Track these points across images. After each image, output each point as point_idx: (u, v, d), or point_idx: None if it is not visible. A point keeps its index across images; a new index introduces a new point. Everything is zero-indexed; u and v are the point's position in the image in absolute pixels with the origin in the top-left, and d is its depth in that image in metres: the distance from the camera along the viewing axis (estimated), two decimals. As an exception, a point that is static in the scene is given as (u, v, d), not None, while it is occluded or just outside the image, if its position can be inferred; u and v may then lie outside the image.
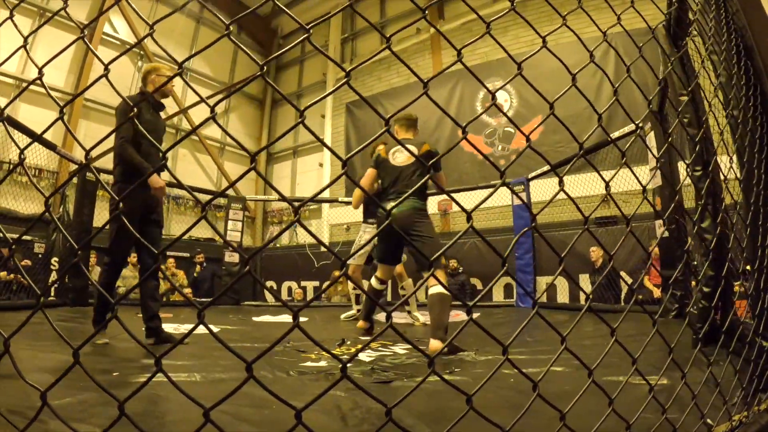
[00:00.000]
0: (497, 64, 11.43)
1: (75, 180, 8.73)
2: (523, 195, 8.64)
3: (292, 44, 1.13)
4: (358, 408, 1.99)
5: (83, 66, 12.41)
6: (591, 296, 8.06)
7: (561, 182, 1.24)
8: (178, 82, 14.50)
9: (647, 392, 1.40)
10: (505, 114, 1.41)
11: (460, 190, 10.21)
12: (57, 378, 0.94)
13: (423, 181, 3.41)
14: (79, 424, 1.59)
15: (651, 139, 5.51)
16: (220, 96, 15.55)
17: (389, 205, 3.94)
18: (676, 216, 4.78)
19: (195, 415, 0.88)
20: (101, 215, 11.44)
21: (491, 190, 1.13)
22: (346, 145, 14.23)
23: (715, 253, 2.62)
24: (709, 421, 1.45)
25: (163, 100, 4.24)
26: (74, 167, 9.36)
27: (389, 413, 0.91)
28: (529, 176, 8.64)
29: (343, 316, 6.63)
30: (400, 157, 4.23)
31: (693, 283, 5.05)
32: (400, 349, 3.70)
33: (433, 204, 11.43)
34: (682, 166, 5.03)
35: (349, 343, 4.09)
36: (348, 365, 2.68)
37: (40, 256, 8.08)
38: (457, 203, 1.10)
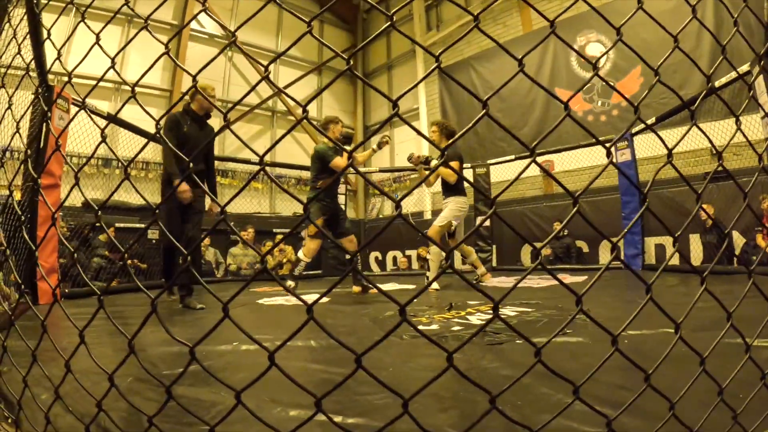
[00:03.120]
0: (589, 15, 10.87)
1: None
2: (628, 151, 8.28)
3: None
4: (473, 368, 1.99)
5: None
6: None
7: (693, 116, 1.16)
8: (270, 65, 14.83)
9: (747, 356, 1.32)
10: (628, 45, 1.33)
11: (561, 150, 9.97)
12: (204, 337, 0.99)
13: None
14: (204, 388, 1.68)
15: (760, 84, 5.08)
16: (312, 76, 15.80)
17: None
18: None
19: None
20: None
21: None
22: (442, 112, 14.07)
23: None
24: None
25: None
26: None
27: (538, 353, 0.91)
28: (633, 131, 8.27)
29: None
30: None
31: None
32: (510, 311, 3.67)
33: (534, 165, 11.19)
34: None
35: (456, 306, 4.08)
36: (459, 329, 2.67)
37: (153, 242, 8.57)
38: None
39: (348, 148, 5.57)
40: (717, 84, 6.16)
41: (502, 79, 12.20)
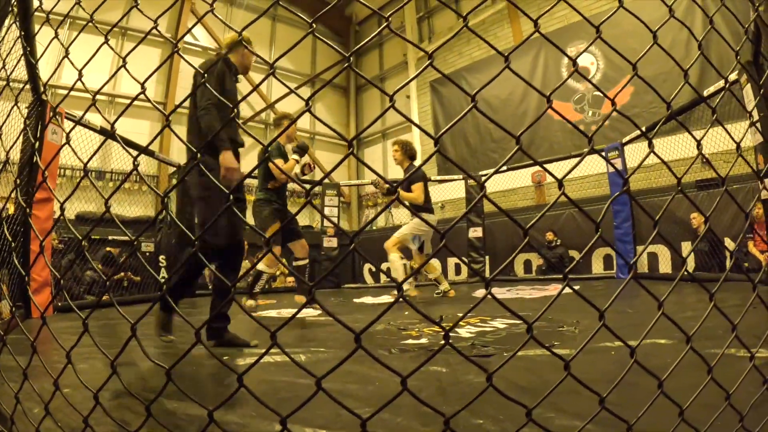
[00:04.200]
0: (579, 26, 10.99)
1: (174, 182, 9.35)
2: (618, 161, 8.33)
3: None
4: (459, 383, 2.00)
5: (170, 75, 12.97)
6: (687, 262, 7.64)
7: (651, 144, 1.18)
8: (258, 77, 14.89)
9: (750, 365, 1.33)
10: (588, 80, 1.36)
11: (552, 161, 10.00)
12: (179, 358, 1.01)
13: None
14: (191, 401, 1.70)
15: (748, 93, 5.14)
16: (305, 89, 15.84)
17: None
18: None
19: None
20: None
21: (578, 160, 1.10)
22: (434, 124, 14.14)
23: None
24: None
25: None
26: (172, 170, 9.95)
27: (490, 378, 0.93)
28: (624, 141, 8.32)
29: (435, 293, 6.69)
30: None
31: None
32: (500, 323, 3.68)
33: (527, 176, 11.28)
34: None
35: (447, 318, 4.10)
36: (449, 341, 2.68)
37: (147, 254, 8.56)
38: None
39: (296, 157, 5.51)
40: (708, 92, 6.22)
41: (494, 90, 12.30)
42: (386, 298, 6.92)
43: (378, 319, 0.95)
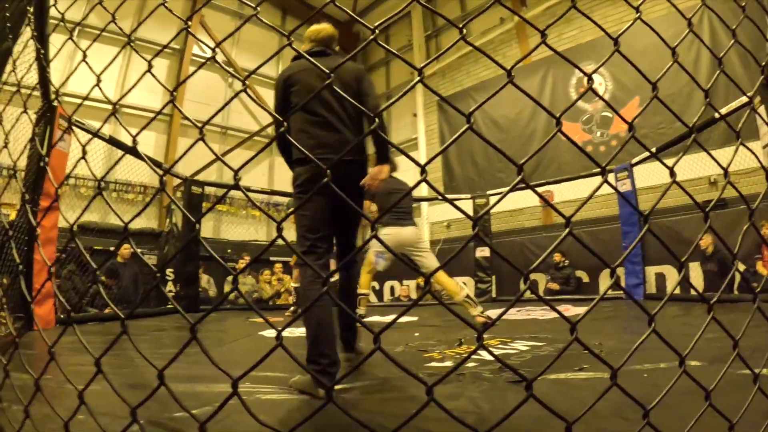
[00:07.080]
0: (587, 46, 10.96)
1: (179, 194, 9.33)
2: (628, 182, 8.27)
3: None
4: (499, 410, 1.94)
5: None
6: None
7: (672, 173, 1.14)
8: (264, 92, 14.92)
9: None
10: (602, 99, 1.31)
11: (560, 181, 9.97)
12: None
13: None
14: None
15: (761, 113, 5.10)
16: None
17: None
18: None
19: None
20: (207, 225, 12.01)
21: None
22: (441, 142, 13.99)
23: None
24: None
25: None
26: (177, 182, 9.94)
27: (569, 429, 0.87)
28: (633, 162, 8.27)
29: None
30: None
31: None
32: (522, 345, 3.60)
33: (534, 196, 11.21)
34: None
35: (467, 341, 4.01)
36: (475, 365, 2.59)
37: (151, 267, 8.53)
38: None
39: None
40: (724, 111, 6.18)
41: (500, 109, 12.31)
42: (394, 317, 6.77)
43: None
